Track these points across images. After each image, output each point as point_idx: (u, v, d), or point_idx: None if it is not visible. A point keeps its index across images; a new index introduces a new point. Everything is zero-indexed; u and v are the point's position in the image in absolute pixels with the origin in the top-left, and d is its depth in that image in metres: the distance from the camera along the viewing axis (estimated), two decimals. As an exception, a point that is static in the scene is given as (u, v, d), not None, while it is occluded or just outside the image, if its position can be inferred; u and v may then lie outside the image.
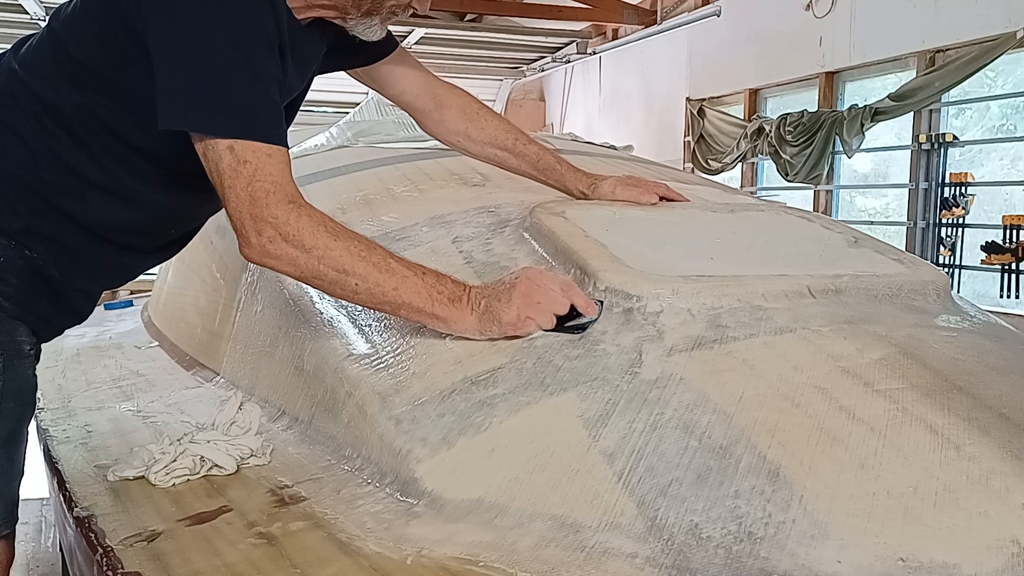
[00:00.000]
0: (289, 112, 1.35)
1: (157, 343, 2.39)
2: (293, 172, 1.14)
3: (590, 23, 9.31)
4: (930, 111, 5.60)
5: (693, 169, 7.58)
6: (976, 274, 5.37)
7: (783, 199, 6.44)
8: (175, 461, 1.24)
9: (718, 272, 1.21)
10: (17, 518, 1.20)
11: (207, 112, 1.07)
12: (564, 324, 1.16)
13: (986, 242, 5.08)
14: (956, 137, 5.48)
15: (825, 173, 6.24)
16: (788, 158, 6.42)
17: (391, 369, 1.22)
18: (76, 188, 1.18)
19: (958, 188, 5.36)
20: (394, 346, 1.26)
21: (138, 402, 1.73)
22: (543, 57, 10.29)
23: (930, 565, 0.81)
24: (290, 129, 1.45)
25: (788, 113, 6.47)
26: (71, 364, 2.19)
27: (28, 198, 1.17)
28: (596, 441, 1.00)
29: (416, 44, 9.01)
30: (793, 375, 1.03)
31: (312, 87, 1.41)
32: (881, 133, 6.03)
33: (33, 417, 1.24)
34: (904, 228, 5.77)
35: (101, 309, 3.25)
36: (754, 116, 7.08)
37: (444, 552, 0.94)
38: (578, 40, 9.52)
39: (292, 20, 1.19)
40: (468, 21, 9.55)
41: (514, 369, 1.12)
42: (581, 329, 1.15)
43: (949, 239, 5.40)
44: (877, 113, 5.68)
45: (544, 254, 1.34)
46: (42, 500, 3.13)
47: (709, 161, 7.57)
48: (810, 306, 1.17)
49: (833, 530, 0.84)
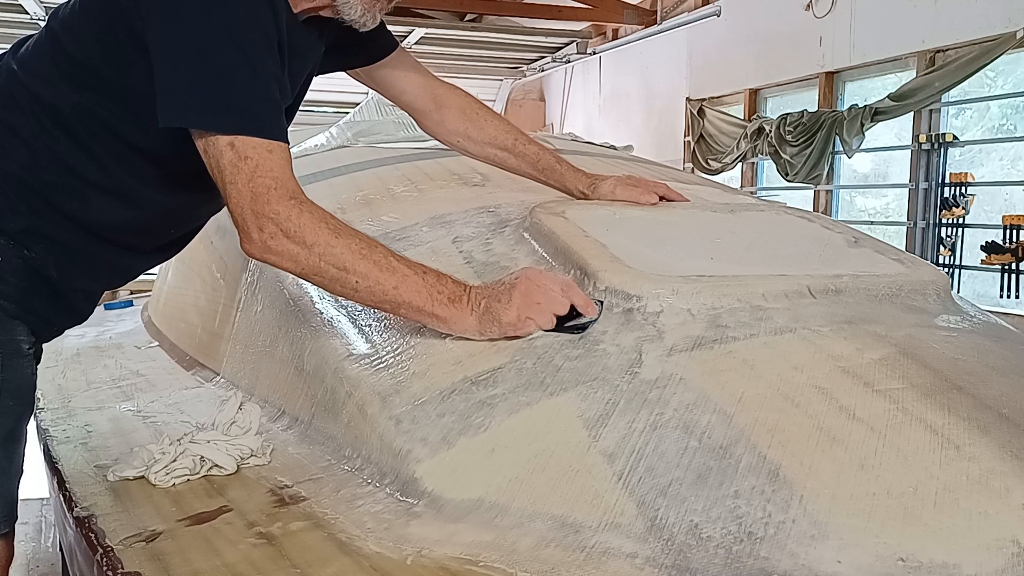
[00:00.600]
0: (289, 112, 1.35)
1: (157, 343, 2.39)
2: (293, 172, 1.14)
3: (590, 23, 9.31)
4: (930, 111, 5.60)
5: (693, 169, 7.58)
6: (976, 274, 5.37)
7: (783, 199, 6.44)
8: (175, 461, 1.24)
9: (718, 272, 1.21)
10: (16, 517, 1.20)
11: (207, 109, 1.07)
12: (564, 324, 1.16)
13: (986, 242, 5.08)
14: (956, 137, 5.48)
15: (825, 173, 6.24)
16: (788, 158, 6.42)
17: (391, 369, 1.22)
18: (76, 188, 1.18)
19: (958, 188, 5.36)
20: (394, 346, 1.26)
21: (138, 402, 1.73)
22: (543, 57, 10.29)
23: (930, 565, 0.81)
24: (290, 129, 1.45)
25: (788, 113, 6.47)
26: (71, 364, 2.19)
27: (28, 198, 1.17)
28: (596, 441, 1.00)
29: (416, 44, 9.01)
30: (793, 375, 1.03)
31: (312, 87, 1.41)
32: (881, 133, 6.03)
33: (32, 416, 1.24)
34: (904, 228, 5.77)
35: (101, 309, 3.25)
36: (754, 116, 7.08)
37: (444, 552, 0.94)
38: (578, 40, 9.52)
39: (291, 17, 1.19)
40: (468, 21, 9.55)
41: (514, 369, 1.12)
42: (581, 329, 1.15)
43: (949, 239, 5.40)
44: (877, 113, 5.68)
45: (544, 254, 1.34)
46: (42, 500, 3.13)
47: (709, 161, 7.57)
48: (810, 306, 1.17)
49: (833, 530, 0.84)
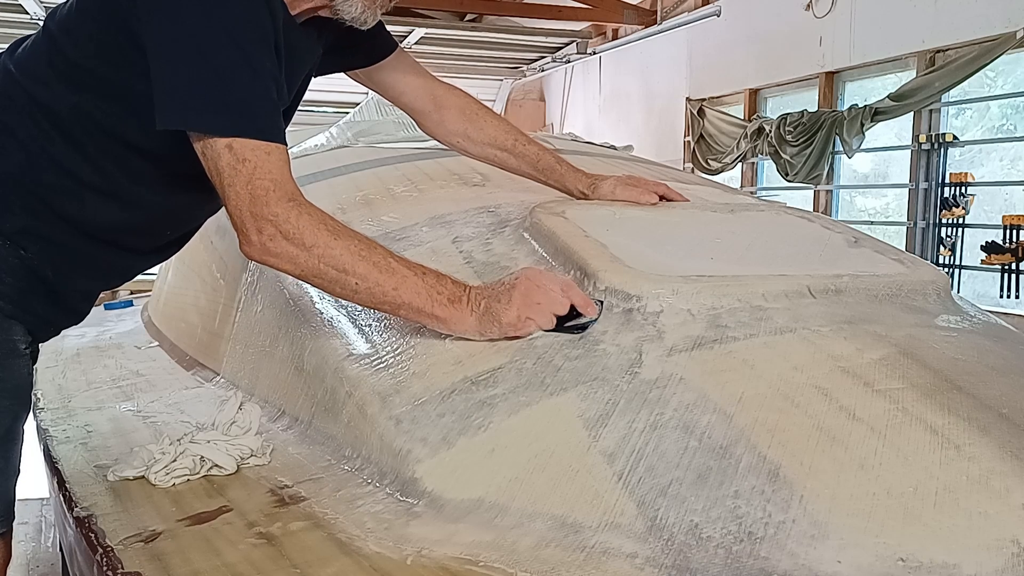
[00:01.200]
0: (288, 112, 1.35)
1: (157, 343, 2.39)
2: (293, 172, 1.14)
3: (590, 23, 9.31)
4: (930, 111, 5.60)
5: (693, 169, 7.58)
6: (976, 274, 5.37)
7: (783, 199, 6.44)
8: (175, 461, 1.24)
9: (718, 272, 1.21)
10: (14, 517, 1.20)
11: (205, 111, 1.07)
12: (564, 324, 1.16)
13: (986, 242, 5.08)
14: (956, 137, 5.48)
15: (825, 173, 6.24)
16: (788, 158, 6.42)
17: (391, 369, 1.22)
18: (72, 189, 1.18)
19: (958, 188, 5.36)
20: (394, 346, 1.26)
21: (138, 402, 1.73)
22: (543, 57, 10.29)
23: (930, 565, 0.81)
24: (290, 129, 1.45)
25: (788, 113, 6.46)
26: (71, 364, 2.19)
27: (24, 199, 1.17)
28: (596, 441, 1.00)
29: (416, 44, 9.01)
30: (793, 375, 1.03)
31: (312, 87, 1.41)
32: (881, 133, 6.03)
33: (29, 416, 1.24)
34: (904, 228, 5.77)
35: (101, 309, 3.25)
36: (754, 116, 7.08)
37: (444, 552, 0.94)
38: (578, 40, 9.52)
39: (288, 19, 1.19)
40: (468, 21, 9.55)
41: (514, 369, 1.12)
42: (581, 329, 1.15)
43: (949, 239, 5.40)
44: (877, 113, 5.68)
45: (544, 254, 1.34)
46: (42, 500, 3.13)
47: (709, 161, 7.57)
48: (810, 306, 1.17)
49: (833, 530, 0.84)
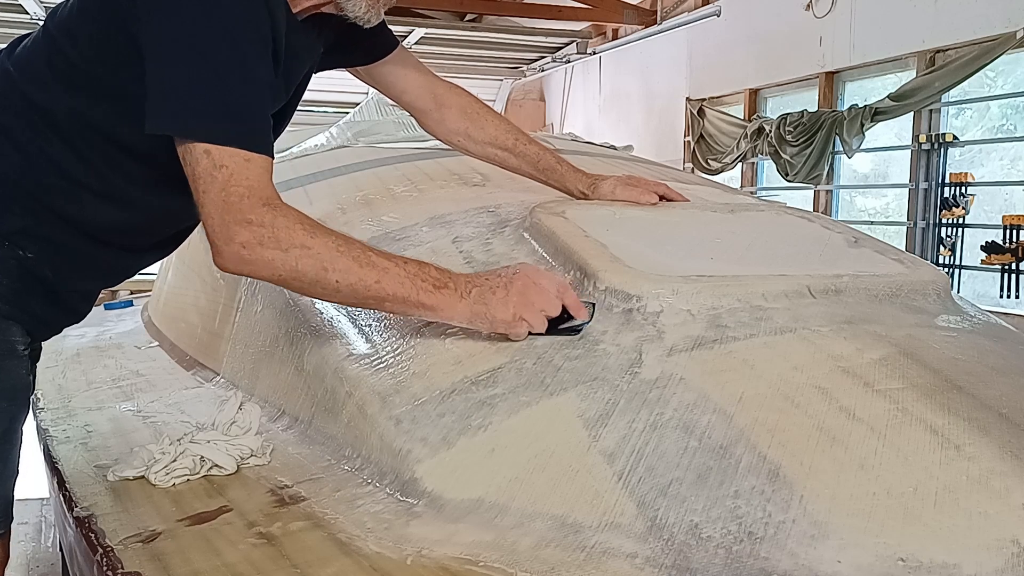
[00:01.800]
0: (287, 112, 1.35)
1: (157, 343, 2.39)
2: (292, 173, 1.14)
3: (590, 23, 9.32)
4: (930, 111, 5.60)
5: (693, 169, 7.58)
6: (976, 274, 5.37)
7: (783, 199, 6.44)
8: (175, 461, 1.24)
9: (718, 272, 1.21)
10: (12, 518, 1.20)
11: (189, 116, 1.06)
12: (557, 327, 1.16)
13: (986, 242, 5.08)
14: (956, 137, 5.48)
15: (825, 173, 6.25)
16: (788, 158, 6.42)
17: (391, 369, 1.22)
18: (70, 191, 1.18)
19: (958, 188, 5.36)
20: (394, 346, 1.26)
21: (138, 402, 1.73)
22: (543, 57, 10.29)
23: (930, 565, 0.81)
24: (290, 129, 1.45)
25: (788, 113, 6.47)
26: (71, 364, 2.19)
27: (23, 200, 1.17)
28: (596, 441, 1.00)
29: (416, 44, 9.02)
30: (793, 375, 1.03)
31: (312, 87, 1.41)
32: (881, 133, 6.03)
33: (28, 417, 1.24)
34: (904, 228, 5.77)
35: (101, 309, 3.24)
36: (754, 116, 7.09)
37: (444, 552, 0.94)
38: (578, 40, 9.53)
39: (290, 18, 1.19)
40: (468, 21, 9.55)
41: (514, 369, 1.12)
42: (574, 332, 1.15)
43: (949, 239, 5.40)
44: (877, 113, 5.68)
45: (544, 254, 1.34)
46: (42, 500, 3.13)
47: (709, 161, 7.57)
48: (810, 306, 1.17)
49: (833, 530, 0.84)
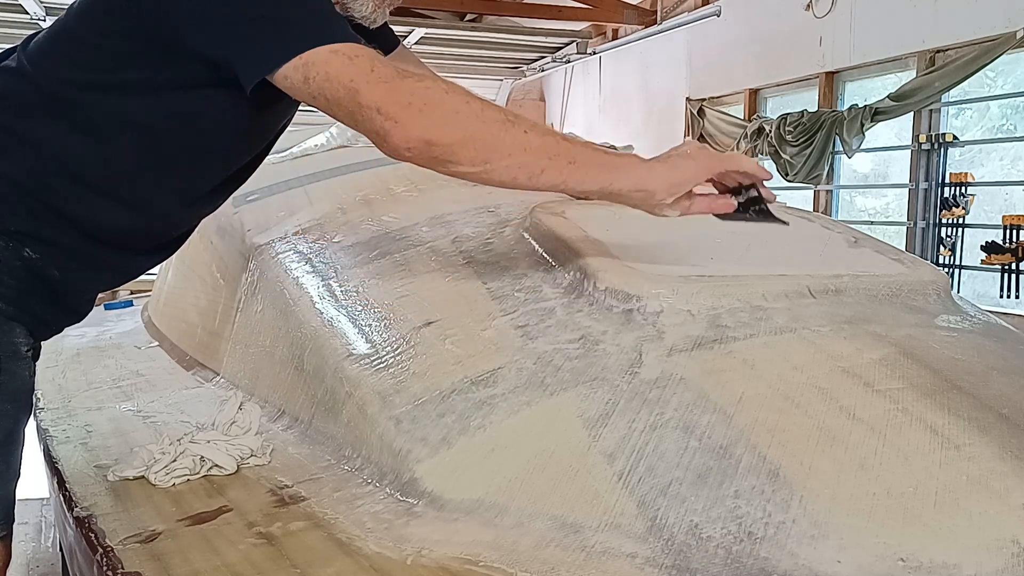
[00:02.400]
0: (289, 110, 1.35)
1: (157, 343, 2.39)
2: (292, 173, 1.14)
3: (590, 23, 9.31)
4: (930, 111, 5.59)
5: (693, 169, 7.56)
6: (976, 274, 5.37)
7: (783, 199, 6.42)
8: (175, 461, 1.24)
9: (718, 272, 1.21)
10: (14, 519, 1.20)
11: (290, 41, 1.02)
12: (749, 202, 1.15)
13: (986, 242, 5.08)
14: (956, 137, 5.48)
15: (825, 173, 6.24)
16: (788, 158, 6.41)
17: (391, 369, 1.22)
18: (78, 192, 1.17)
19: (958, 188, 5.36)
20: (394, 346, 1.26)
21: (138, 402, 1.73)
22: (543, 57, 10.29)
23: (930, 565, 0.81)
24: (290, 129, 1.45)
25: (788, 113, 6.46)
26: (71, 364, 2.19)
27: (28, 201, 1.16)
28: (596, 441, 1.00)
29: (416, 44, 9.01)
30: (793, 375, 1.03)
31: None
32: (881, 133, 6.03)
33: (31, 418, 1.24)
34: (904, 228, 5.77)
35: (101, 309, 3.24)
36: (754, 116, 7.08)
37: (444, 552, 0.94)
38: (578, 40, 9.52)
39: None
40: (468, 21, 9.55)
41: (514, 369, 1.12)
42: (763, 213, 1.14)
43: (949, 239, 5.39)
44: (877, 113, 5.68)
45: (544, 254, 1.34)
46: (42, 500, 3.13)
47: (709, 161, 7.55)
48: (810, 306, 1.17)
49: (833, 530, 0.84)
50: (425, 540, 0.97)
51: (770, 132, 6.59)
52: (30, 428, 1.24)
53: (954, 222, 5.38)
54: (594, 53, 9.48)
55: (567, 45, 9.81)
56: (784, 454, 0.92)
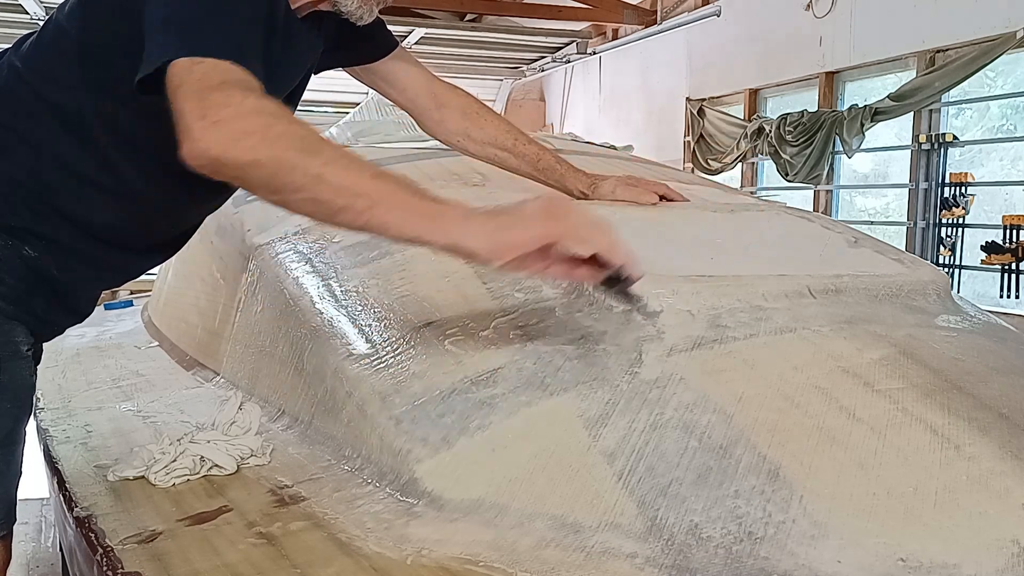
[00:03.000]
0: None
1: (157, 343, 2.39)
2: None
3: (590, 23, 9.31)
4: (930, 111, 5.60)
5: (693, 169, 7.58)
6: (976, 274, 5.37)
7: (783, 199, 6.44)
8: (175, 461, 1.24)
9: (718, 272, 1.21)
10: (15, 519, 1.20)
11: (172, 46, 0.99)
12: (610, 283, 1.01)
13: (986, 242, 5.08)
14: (956, 137, 5.48)
15: (825, 173, 6.24)
16: (788, 158, 6.42)
17: (391, 369, 1.22)
18: (78, 190, 1.18)
19: (958, 188, 5.36)
20: (394, 346, 1.26)
21: (138, 402, 1.73)
22: (543, 57, 10.29)
23: (930, 565, 0.81)
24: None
25: (788, 113, 6.47)
26: (71, 364, 2.19)
27: (29, 200, 1.17)
28: (596, 441, 1.00)
29: (416, 44, 9.01)
30: (793, 375, 1.03)
31: (312, 87, 1.41)
32: (881, 133, 6.03)
33: (31, 418, 1.24)
34: (904, 228, 5.77)
35: (101, 309, 3.24)
36: (754, 116, 7.08)
37: (444, 552, 0.94)
38: (578, 40, 9.53)
39: (289, 11, 1.20)
40: (468, 21, 9.55)
41: (514, 369, 1.12)
42: (629, 298, 1.03)
43: (949, 239, 5.40)
44: (877, 113, 5.68)
45: (544, 254, 1.34)
46: (42, 500, 3.13)
47: (709, 161, 7.57)
48: (810, 306, 1.16)
49: (833, 530, 0.84)
50: (425, 540, 0.97)
51: (770, 132, 6.59)
52: (30, 428, 1.24)
53: (954, 222, 5.38)
54: (594, 53, 9.48)
55: (567, 45, 9.82)
56: (784, 454, 0.92)
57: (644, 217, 1.48)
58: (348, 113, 3.44)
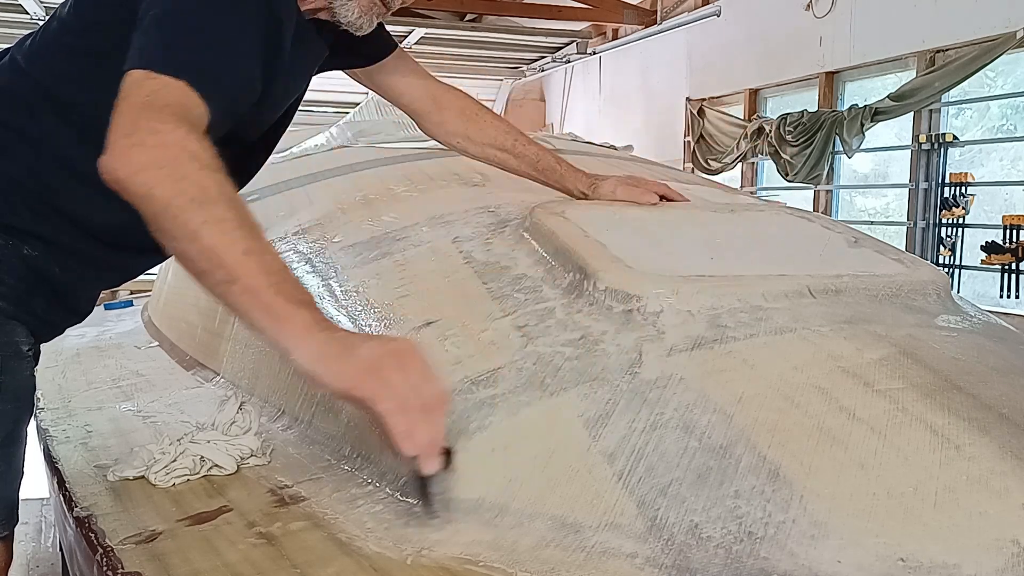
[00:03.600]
0: (289, 111, 1.35)
1: (157, 343, 2.39)
2: (292, 173, 1.14)
3: (590, 23, 9.32)
4: (930, 111, 5.60)
5: (693, 169, 7.58)
6: (976, 274, 5.37)
7: (783, 199, 6.45)
8: (175, 461, 1.24)
9: (718, 272, 1.21)
10: (17, 520, 1.20)
11: (140, 54, 1.00)
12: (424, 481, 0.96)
13: (986, 242, 5.08)
14: (956, 137, 5.48)
15: (825, 173, 6.24)
16: (788, 158, 6.42)
17: (391, 369, 1.22)
18: (79, 190, 1.18)
19: (958, 188, 5.36)
20: (394, 346, 1.26)
21: (138, 402, 1.73)
22: (543, 57, 10.29)
23: (930, 565, 0.81)
24: (290, 129, 1.45)
25: (788, 113, 6.47)
26: (71, 364, 2.19)
27: (30, 201, 1.17)
28: (596, 441, 1.00)
29: (416, 44, 9.01)
30: (793, 375, 1.03)
31: (312, 87, 1.41)
32: (881, 133, 6.03)
33: (32, 418, 1.24)
34: (904, 228, 5.77)
35: (101, 309, 3.25)
36: (754, 116, 7.08)
37: (444, 552, 0.94)
38: (578, 40, 9.53)
39: (300, 12, 1.20)
40: (468, 21, 9.55)
41: (514, 369, 1.12)
42: (428, 494, 0.97)
43: (949, 239, 5.40)
44: (877, 113, 5.68)
45: (544, 254, 1.34)
46: (42, 500, 3.13)
47: (709, 161, 7.57)
48: (810, 306, 1.16)
49: (833, 530, 0.84)
50: (425, 540, 0.97)
51: (770, 132, 6.59)
52: (30, 428, 1.24)
53: (954, 222, 5.38)
54: (594, 53, 9.48)
55: (567, 45, 9.82)
56: (784, 454, 0.92)
57: (644, 217, 1.48)
58: (348, 113, 3.45)
